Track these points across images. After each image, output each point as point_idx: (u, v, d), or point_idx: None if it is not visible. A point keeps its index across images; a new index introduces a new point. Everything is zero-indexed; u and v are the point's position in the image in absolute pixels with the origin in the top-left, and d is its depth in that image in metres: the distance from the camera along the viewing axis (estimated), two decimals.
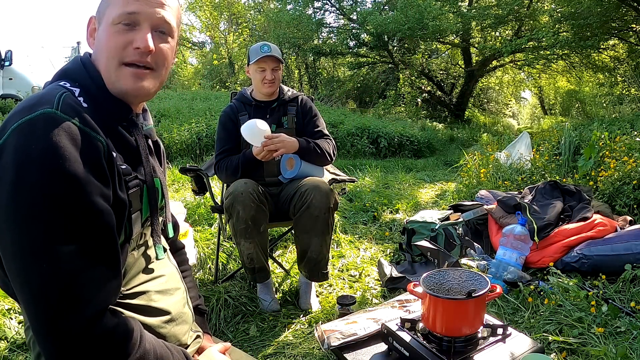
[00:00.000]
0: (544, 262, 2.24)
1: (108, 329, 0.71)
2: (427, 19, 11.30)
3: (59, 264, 0.68)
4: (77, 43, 11.53)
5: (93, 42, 0.87)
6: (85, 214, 0.71)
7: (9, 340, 1.80)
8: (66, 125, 0.72)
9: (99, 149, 0.75)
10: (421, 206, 4.08)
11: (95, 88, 0.83)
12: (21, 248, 0.68)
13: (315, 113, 2.34)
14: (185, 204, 3.20)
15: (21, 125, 0.70)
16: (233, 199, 1.96)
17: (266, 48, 2.17)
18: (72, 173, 0.69)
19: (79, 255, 0.70)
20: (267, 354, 1.82)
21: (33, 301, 0.69)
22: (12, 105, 7.16)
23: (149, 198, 0.91)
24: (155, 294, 0.91)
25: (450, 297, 1.12)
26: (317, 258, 2.08)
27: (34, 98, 0.75)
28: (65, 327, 0.68)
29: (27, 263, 0.68)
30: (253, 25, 18.00)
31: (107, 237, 0.74)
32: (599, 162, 3.35)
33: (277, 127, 2.25)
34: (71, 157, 0.70)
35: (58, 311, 0.68)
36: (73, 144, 0.71)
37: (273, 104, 2.27)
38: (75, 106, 0.75)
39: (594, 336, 1.63)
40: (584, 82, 16.30)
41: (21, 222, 0.68)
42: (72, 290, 0.68)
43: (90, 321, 0.69)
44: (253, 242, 2.01)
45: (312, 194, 1.99)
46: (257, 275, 2.12)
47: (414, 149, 8.59)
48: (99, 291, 0.72)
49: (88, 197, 0.71)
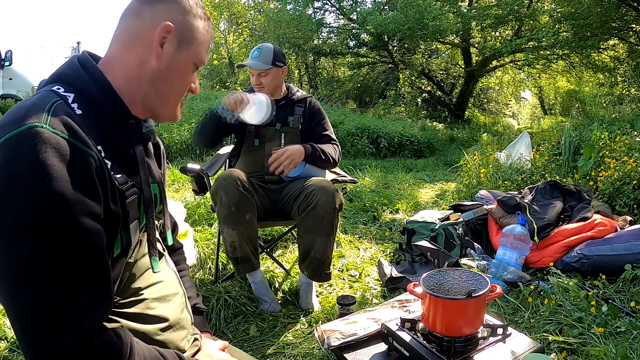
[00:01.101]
0: (544, 262, 2.24)
1: (95, 351, 0.69)
2: (427, 19, 11.31)
3: (45, 288, 0.65)
4: (77, 43, 11.51)
5: (160, 54, 0.83)
6: (72, 235, 0.68)
7: (9, 340, 1.80)
8: (54, 140, 0.68)
9: (90, 165, 0.71)
10: (421, 206, 4.08)
11: (100, 92, 0.80)
12: (6, 271, 0.66)
13: (323, 116, 2.35)
14: (185, 204, 3.20)
15: (7, 140, 0.67)
16: (217, 185, 1.98)
17: (255, 53, 2.18)
18: (60, 193, 0.66)
19: (65, 279, 0.67)
20: (267, 354, 1.82)
21: (19, 325, 0.67)
22: (12, 105, 7.15)
23: (145, 208, 0.88)
24: (153, 301, 0.90)
25: (450, 297, 1.12)
26: (321, 258, 2.07)
27: (23, 109, 0.71)
28: (51, 354, 0.66)
29: (12, 287, 0.66)
30: (253, 25, 18.00)
31: (96, 258, 0.71)
32: (599, 162, 3.35)
33: (282, 125, 2.25)
34: (59, 176, 0.66)
35: (43, 337, 0.65)
36: (61, 160, 0.67)
37: (280, 102, 2.27)
38: (65, 118, 0.71)
39: (594, 336, 1.63)
40: (584, 82, 16.30)
41: (5, 244, 0.65)
42: (58, 316, 0.66)
43: (77, 346, 0.67)
44: (236, 230, 1.99)
45: (318, 194, 1.99)
46: (240, 266, 2.08)
47: (414, 149, 8.59)
48: (86, 316, 0.69)
49: (76, 218, 0.68)
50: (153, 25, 0.82)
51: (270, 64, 2.16)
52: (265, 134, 2.25)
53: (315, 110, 2.33)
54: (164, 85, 0.86)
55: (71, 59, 0.85)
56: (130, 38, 0.83)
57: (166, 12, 0.83)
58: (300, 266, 2.16)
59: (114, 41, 0.86)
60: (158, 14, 0.83)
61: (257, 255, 2.14)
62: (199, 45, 0.87)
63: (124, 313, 0.84)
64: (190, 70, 0.88)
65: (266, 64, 2.16)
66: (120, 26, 0.85)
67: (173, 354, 0.84)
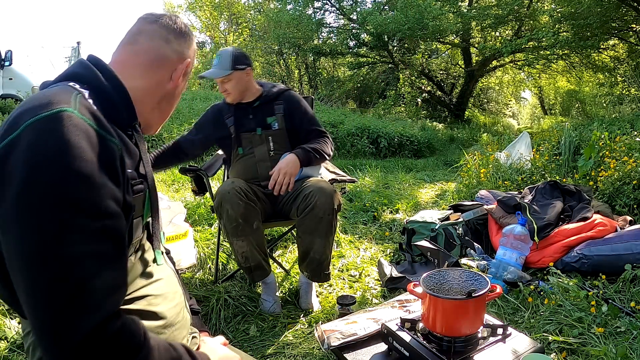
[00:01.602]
0: (544, 262, 2.24)
1: (113, 334, 0.69)
2: (427, 19, 11.31)
3: (70, 267, 0.65)
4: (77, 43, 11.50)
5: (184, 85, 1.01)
6: (99, 217, 0.69)
7: (9, 340, 1.80)
8: (84, 125, 0.71)
9: (114, 152, 0.74)
10: (421, 206, 4.08)
11: (115, 92, 0.84)
12: (30, 249, 0.65)
13: (304, 108, 2.24)
14: (185, 204, 3.20)
15: (37, 121, 0.68)
16: (221, 199, 1.95)
17: (215, 61, 2.09)
18: (88, 174, 0.68)
19: (90, 259, 0.67)
20: (267, 354, 1.82)
21: (39, 304, 0.65)
22: (12, 105, 7.14)
23: (151, 202, 0.91)
24: (154, 298, 0.90)
25: (450, 297, 1.12)
26: (320, 259, 2.07)
27: (47, 96, 0.73)
28: (70, 333, 0.65)
29: (35, 265, 0.65)
30: (253, 25, 18.01)
31: (118, 242, 0.72)
32: (599, 162, 3.35)
33: (262, 129, 2.18)
34: (88, 158, 0.68)
35: (64, 316, 0.65)
36: (90, 145, 0.70)
37: (255, 103, 2.19)
38: (91, 107, 0.75)
39: (594, 336, 1.63)
40: (584, 82, 16.30)
41: (32, 222, 0.65)
42: (82, 296, 0.65)
43: (97, 327, 0.66)
44: (246, 240, 1.99)
45: (316, 195, 1.98)
46: (254, 274, 2.10)
47: (414, 149, 8.59)
48: (108, 297, 0.69)
49: (103, 200, 0.69)
50: (178, 56, 0.97)
51: (229, 69, 2.05)
52: (252, 140, 2.19)
53: (294, 103, 2.22)
54: (166, 105, 0.99)
55: (80, 61, 0.87)
56: (157, 60, 0.94)
57: (188, 49, 0.99)
58: (300, 266, 2.16)
59: (133, 52, 0.93)
60: (184, 48, 0.98)
61: (268, 261, 2.14)
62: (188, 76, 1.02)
63: (127, 310, 0.84)
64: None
65: (225, 69, 2.06)
66: (144, 43, 0.94)
67: (179, 344, 0.83)
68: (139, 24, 0.97)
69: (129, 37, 0.95)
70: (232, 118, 2.20)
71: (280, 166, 1.98)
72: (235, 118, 2.20)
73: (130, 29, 0.97)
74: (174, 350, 0.78)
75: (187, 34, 0.99)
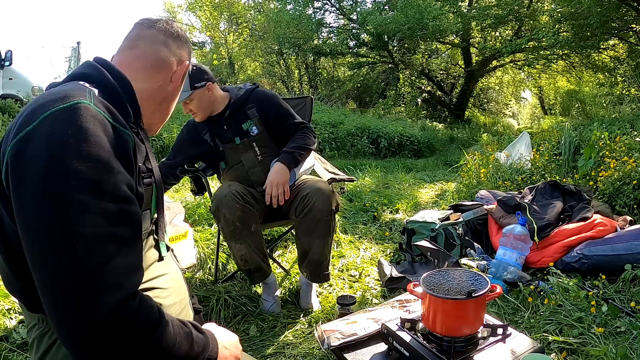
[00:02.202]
0: (544, 262, 2.24)
1: (134, 311, 0.70)
2: (427, 19, 11.31)
3: (92, 248, 0.67)
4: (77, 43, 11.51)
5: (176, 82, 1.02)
6: (118, 201, 0.72)
7: (9, 340, 1.80)
8: (100, 117, 0.75)
9: (129, 143, 0.79)
10: (421, 206, 4.08)
11: (123, 90, 0.87)
12: (52, 230, 0.67)
13: (277, 104, 2.16)
14: (185, 204, 3.20)
15: (56, 112, 0.72)
16: (217, 203, 1.94)
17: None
18: (107, 160, 0.72)
19: (111, 240, 0.70)
20: (267, 354, 1.82)
21: (60, 284, 0.66)
22: (12, 105, 7.14)
23: (158, 196, 0.94)
24: (161, 290, 0.93)
25: (450, 297, 1.12)
26: (319, 260, 2.07)
27: (63, 91, 0.76)
28: (92, 313, 0.66)
29: (58, 245, 0.66)
30: (253, 25, 18.00)
31: (136, 225, 0.76)
32: (599, 162, 3.35)
33: (241, 137, 2.11)
34: (105, 145, 0.72)
35: (86, 296, 0.66)
36: (106, 134, 0.74)
37: (225, 113, 2.12)
38: (105, 102, 0.79)
39: (594, 336, 1.63)
40: (584, 82, 16.29)
41: (54, 205, 0.67)
42: (104, 275, 0.67)
43: (118, 305, 0.68)
44: (244, 243, 1.99)
45: (314, 197, 1.97)
46: (254, 276, 2.10)
47: (414, 149, 8.59)
48: (129, 277, 0.71)
49: (120, 185, 0.73)
50: (177, 59, 1.01)
51: (189, 90, 1.97)
52: (236, 150, 2.14)
53: (266, 102, 2.14)
54: (167, 106, 1.03)
55: (87, 62, 0.90)
56: (158, 63, 0.98)
57: (185, 52, 1.03)
58: (299, 267, 2.16)
59: (134, 57, 0.96)
60: (181, 51, 1.02)
61: (267, 262, 2.14)
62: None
63: None
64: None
65: (185, 91, 1.97)
66: (144, 47, 0.97)
67: (188, 321, 0.84)
68: (136, 29, 1.00)
69: (128, 43, 0.98)
70: (208, 134, 2.16)
71: (270, 179, 1.97)
72: (210, 134, 2.15)
73: (128, 35, 1.00)
74: (185, 326, 0.81)
75: (184, 38, 1.04)
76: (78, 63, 10.77)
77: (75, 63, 11.19)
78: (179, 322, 0.80)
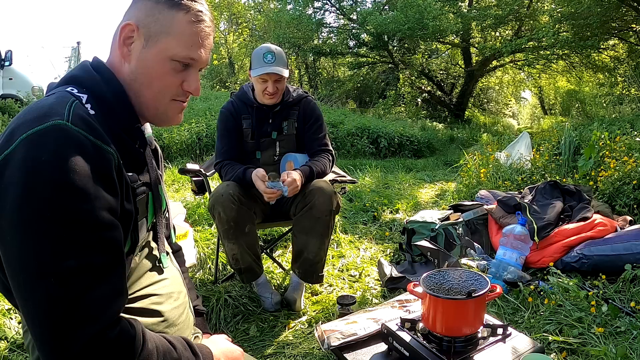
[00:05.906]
0: (544, 262, 2.24)
1: (111, 341, 0.70)
2: (427, 19, 11.31)
3: (66, 281, 0.66)
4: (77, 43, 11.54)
5: (129, 54, 0.83)
6: (94, 229, 0.69)
7: (9, 340, 1.80)
8: (77, 137, 0.70)
9: (110, 162, 0.74)
10: (421, 206, 4.08)
11: (112, 95, 0.82)
12: (27, 263, 0.66)
13: (318, 118, 2.22)
14: (185, 204, 3.20)
15: (30, 136, 0.68)
16: (214, 201, 1.96)
17: (270, 57, 1.99)
18: (82, 187, 0.68)
19: (86, 272, 0.68)
20: (267, 354, 1.82)
21: (37, 318, 0.67)
22: (12, 105, 7.14)
23: (154, 204, 0.91)
24: (159, 297, 0.91)
25: (450, 297, 1.12)
26: (314, 260, 2.06)
27: (43, 107, 0.73)
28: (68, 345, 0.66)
29: (33, 278, 0.66)
30: (253, 25, 18.01)
31: (114, 252, 0.73)
32: (599, 162, 3.35)
33: (278, 133, 2.18)
34: (81, 171, 0.68)
35: (62, 329, 0.66)
36: (84, 157, 0.70)
37: (276, 107, 2.17)
38: (85, 117, 0.74)
39: (594, 336, 1.63)
40: (584, 82, 16.28)
41: (28, 237, 0.66)
42: (78, 308, 0.67)
43: (95, 337, 0.68)
44: (237, 243, 1.99)
45: (315, 195, 1.97)
46: (244, 276, 2.11)
47: (414, 149, 8.58)
48: (105, 309, 0.70)
49: (97, 212, 0.70)
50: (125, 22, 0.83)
51: (287, 68, 2.02)
52: (266, 144, 2.19)
53: (310, 111, 2.21)
54: (141, 87, 0.85)
55: (83, 63, 0.87)
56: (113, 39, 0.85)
57: (137, 10, 0.83)
58: (292, 265, 2.16)
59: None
60: (131, 12, 0.84)
61: (259, 262, 2.14)
62: (173, 38, 0.82)
63: (131, 308, 0.85)
64: (168, 67, 0.84)
65: (285, 67, 2.00)
66: None
67: (180, 339, 0.84)
68: None
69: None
70: (249, 120, 2.16)
71: (295, 176, 1.92)
72: (255, 121, 2.15)
73: None
74: (174, 351, 0.79)
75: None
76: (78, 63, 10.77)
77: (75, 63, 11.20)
78: (168, 347, 0.79)
